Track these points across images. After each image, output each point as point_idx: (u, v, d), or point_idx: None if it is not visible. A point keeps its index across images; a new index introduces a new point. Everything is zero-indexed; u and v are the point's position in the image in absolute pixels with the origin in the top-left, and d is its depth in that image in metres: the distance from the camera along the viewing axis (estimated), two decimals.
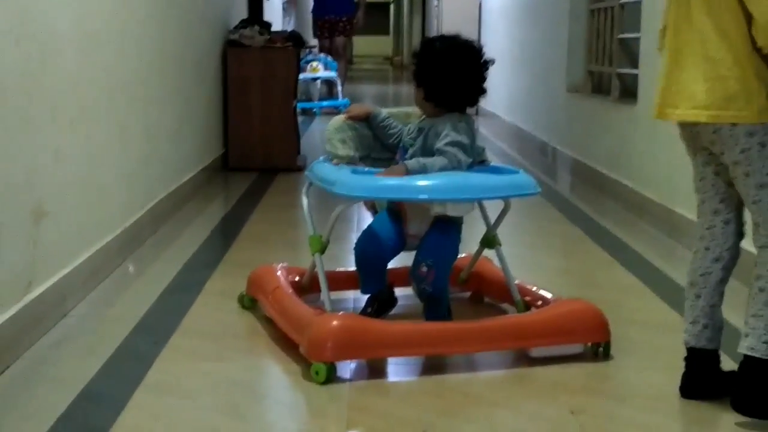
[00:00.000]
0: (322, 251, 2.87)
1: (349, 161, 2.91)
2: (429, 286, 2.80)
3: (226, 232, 4.55)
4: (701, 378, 2.41)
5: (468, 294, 3.33)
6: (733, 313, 2.47)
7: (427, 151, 2.79)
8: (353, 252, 2.92)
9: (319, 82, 10.75)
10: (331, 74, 10.62)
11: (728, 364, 2.47)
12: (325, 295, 2.82)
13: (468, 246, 3.10)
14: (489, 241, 3.05)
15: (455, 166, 2.72)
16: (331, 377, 2.52)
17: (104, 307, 3.23)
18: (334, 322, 2.60)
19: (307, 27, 13.61)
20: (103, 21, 3.62)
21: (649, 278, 3.71)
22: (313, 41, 11.73)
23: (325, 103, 10.66)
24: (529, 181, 2.80)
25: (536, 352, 2.72)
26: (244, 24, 6.55)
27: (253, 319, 3.09)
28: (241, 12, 7.64)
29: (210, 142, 6.03)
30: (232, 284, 3.34)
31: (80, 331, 2.96)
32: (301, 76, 9.65)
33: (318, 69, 10.50)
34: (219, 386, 2.54)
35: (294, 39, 6.71)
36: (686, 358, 2.44)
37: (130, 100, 4.02)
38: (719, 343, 2.42)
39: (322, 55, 10.76)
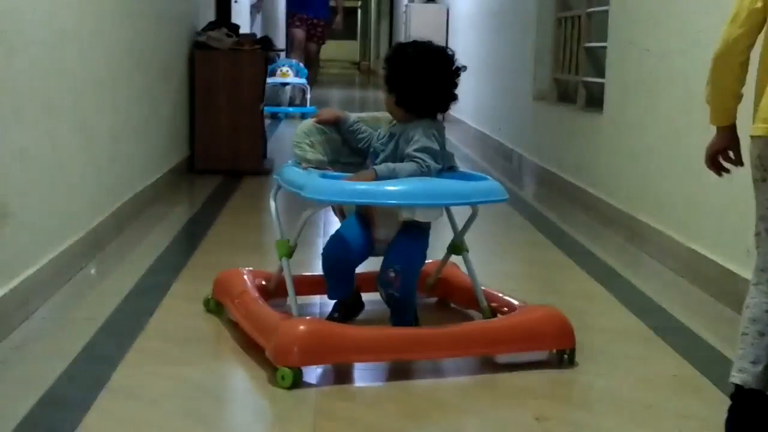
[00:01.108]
0: (290, 255, 2.86)
1: (318, 165, 2.90)
2: (396, 291, 2.80)
3: (192, 235, 4.52)
4: (758, 421, 2.14)
5: (435, 300, 3.34)
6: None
7: (398, 156, 2.80)
8: (320, 256, 2.91)
9: (288, 87, 10.72)
10: (301, 81, 10.60)
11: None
12: (291, 299, 2.81)
13: (435, 252, 3.11)
14: (456, 247, 3.06)
15: (424, 171, 2.72)
16: (298, 382, 2.51)
17: (68, 309, 3.20)
18: (301, 327, 2.60)
19: (275, 29, 13.58)
20: (70, 19, 3.58)
21: (613, 286, 3.74)
22: (282, 44, 11.73)
23: (292, 109, 10.63)
24: (497, 188, 2.81)
25: (502, 358, 2.73)
26: (211, 26, 6.52)
27: (218, 323, 3.07)
28: (209, 14, 7.60)
29: (176, 144, 6.00)
30: (198, 288, 3.32)
31: (43, 333, 2.93)
32: (271, 80, 9.62)
33: (288, 74, 10.47)
34: (184, 390, 2.52)
35: (263, 42, 6.69)
36: (739, 399, 2.14)
37: (96, 99, 3.98)
38: None
39: (294, 61, 10.75)
